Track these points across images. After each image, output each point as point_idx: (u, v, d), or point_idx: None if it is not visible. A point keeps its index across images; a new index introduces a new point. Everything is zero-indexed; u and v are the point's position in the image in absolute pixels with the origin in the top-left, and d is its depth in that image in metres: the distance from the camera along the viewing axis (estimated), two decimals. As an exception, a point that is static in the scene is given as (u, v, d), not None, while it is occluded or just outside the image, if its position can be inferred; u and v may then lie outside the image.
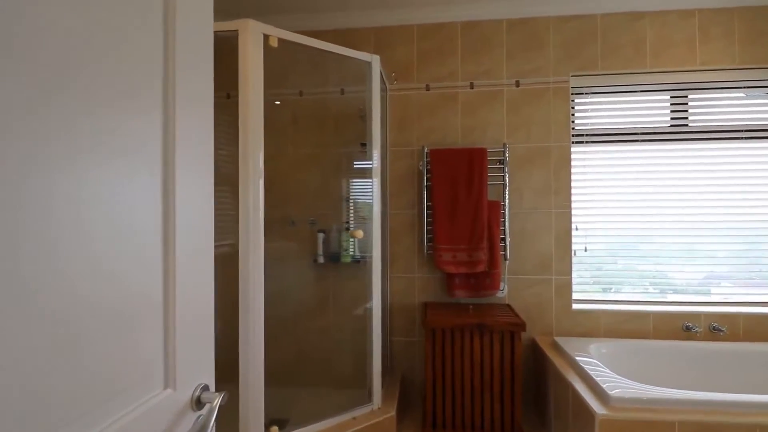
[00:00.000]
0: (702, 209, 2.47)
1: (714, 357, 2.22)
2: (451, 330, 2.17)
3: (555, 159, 2.49)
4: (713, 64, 2.41)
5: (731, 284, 2.45)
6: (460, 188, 2.43)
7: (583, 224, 2.52)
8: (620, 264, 2.53)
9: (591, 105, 2.55)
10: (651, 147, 2.51)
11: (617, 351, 2.25)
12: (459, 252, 2.41)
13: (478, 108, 2.55)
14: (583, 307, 2.46)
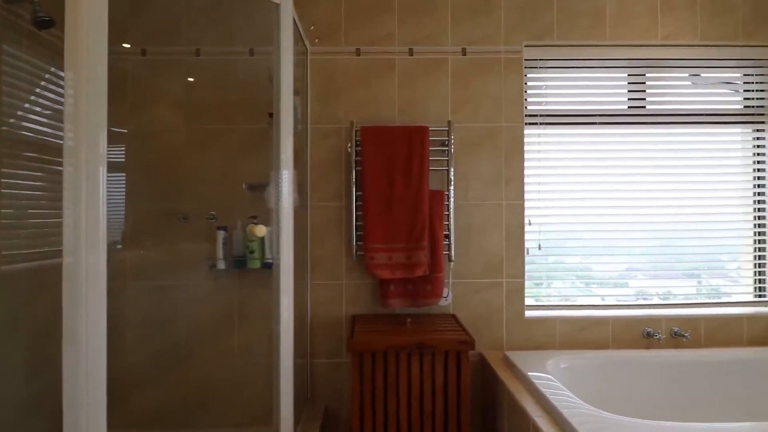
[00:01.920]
0: (658, 200, 2.23)
1: (681, 367, 1.97)
2: (383, 353, 1.73)
3: (506, 142, 2.13)
4: (675, 39, 2.16)
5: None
6: (398, 175, 1.99)
7: (537, 218, 2.18)
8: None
9: (545, 82, 2.21)
10: (609, 131, 2.22)
11: (577, 365, 1.94)
12: (395, 253, 1.97)
13: (418, 78, 2.12)
14: (536, 315, 2.12)
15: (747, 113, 2.24)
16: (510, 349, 2.07)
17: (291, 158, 1.58)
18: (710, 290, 2.27)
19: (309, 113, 2.09)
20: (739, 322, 2.14)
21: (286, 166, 1.55)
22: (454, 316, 2.04)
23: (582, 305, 2.18)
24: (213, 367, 2.02)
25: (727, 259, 2.28)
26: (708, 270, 2.28)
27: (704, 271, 2.27)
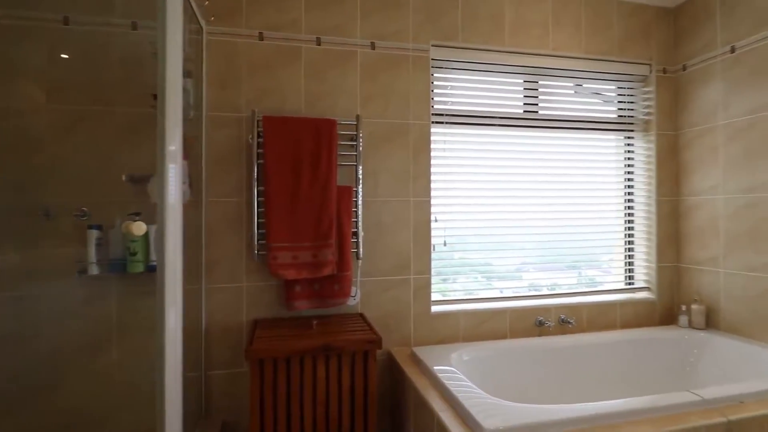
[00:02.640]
0: (547, 199, 2.42)
1: (568, 351, 2.15)
2: (286, 359, 1.62)
3: (414, 140, 2.14)
4: (564, 50, 2.35)
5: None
6: (304, 170, 1.89)
7: (442, 215, 2.23)
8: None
9: (450, 82, 2.27)
10: (508, 133, 2.35)
11: (479, 356, 2.02)
12: (301, 251, 1.87)
13: (327, 70, 2.03)
14: (441, 310, 2.17)
15: (620, 122, 2.52)
16: (417, 345, 2.10)
17: (180, 146, 1.40)
18: (588, 281, 2.52)
19: (204, 99, 1.90)
20: (614, 307, 2.41)
21: (172, 156, 1.37)
22: (362, 316, 2.00)
23: (483, 298, 2.28)
24: (86, 390, 1.74)
25: (602, 253, 2.55)
26: (587, 262, 2.53)
27: (584, 263, 2.52)
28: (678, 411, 1.43)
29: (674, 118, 2.53)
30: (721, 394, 1.50)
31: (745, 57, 2.13)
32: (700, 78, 2.38)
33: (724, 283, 2.25)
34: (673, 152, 2.53)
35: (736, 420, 1.39)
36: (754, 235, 2.10)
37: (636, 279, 2.56)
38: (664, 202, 2.52)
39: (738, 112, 2.17)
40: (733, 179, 2.20)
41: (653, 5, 2.49)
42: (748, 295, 2.13)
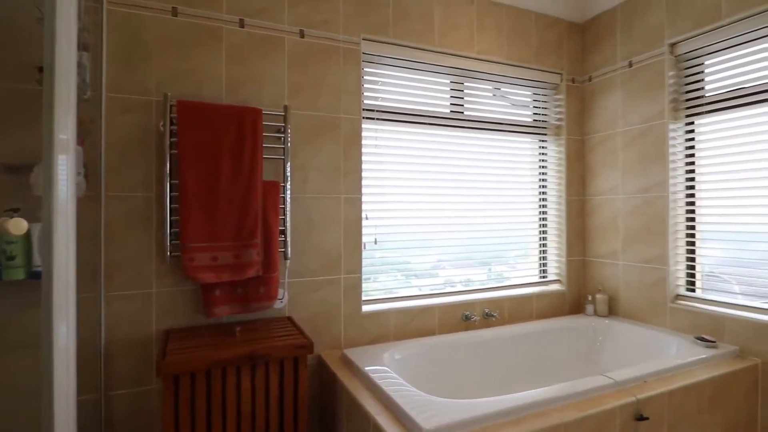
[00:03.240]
0: (468, 198, 2.50)
1: (491, 343, 2.24)
2: (206, 371, 1.46)
3: (345, 134, 2.07)
4: (487, 55, 2.44)
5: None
6: (225, 162, 1.72)
7: (372, 213, 2.19)
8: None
9: (381, 78, 2.23)
10: (435, 132, 2.38)
11: (411, 354, 2.01)
12: (222, 252, 1.70)
13: (251, 55, 1.88)
14: (372, 309, 2.13)
15: (535, 126, 2.69)
16: (348, 346, 2.03)
17: (73, 131, 1.18)
18: (498, 276, 2.65)
19: (104, 77, 1.64)
20: (531, 300, 2.56)
21: (63, 143, 1.15)
22: (290, 319, 1.88)
23: (413, 296, 2.28)
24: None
25: (519, 249, 2.70)
26: (505, 258, 2.66)
27: (502, 258, 2.64)
28: (596, 394, 1.54)
29: (581, 124, 2.77)
30: (629, 375, 1.64)
31: (641, 71, 2.39)
32: (603, 89, 2.63)
33: (622, 274, 2.51)
34: (580, 155, 2.77)
35: (644, 398, 1.53)
36: (648, 230, 2.36)
37: (549, 272, 2.76)
38: (572, 201, 2.74)
39: (634, 120, 2.43)
40: (630, 181, 2.46)
41: (565, 19, 2.70)
42: (642, 284, 2.39)
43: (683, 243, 2.28)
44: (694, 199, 2.24)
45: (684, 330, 2.17)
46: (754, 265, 2.00)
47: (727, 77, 2.09)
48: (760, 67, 1.96)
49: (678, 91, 2.28)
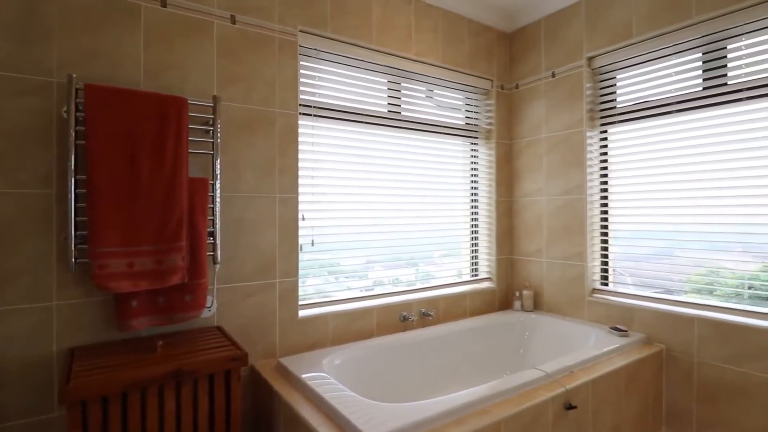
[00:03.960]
0: (403, 198, 2.51)
1: (429, 342, 2.26)
2: (121, 394, 1.28)
3: (281, 130, 1.96)
4: (424, 57, 2.47)
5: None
6: (144, 156, 1.53)
7: (309, 212, 2.10)
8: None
9: (319, 73, 2.15)
10: (372, 131, 2.34)
11: (350, 358, 1.95)
12: (140, 257, 1.52)
13: (175, 38, 1.70)
14: (309, 313, 2.04)
15: (467, 129, 2.78)
16: (285, 354, 1.93)
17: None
18: (439, 270, 2.71)
19: (-12, 52, 1.38)
20: (464, 298, 2.63)
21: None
22: (220, 329, 1.73)
23: (351, 298, 2.23)
24: None
25: (452, 248, 2.77)
26: (437, 257, 2.71)
27: (435, 257, 2.70)
28: (530, 387, 1.60)
29: (510, 129, 2.91)
30: (557, 367, 1.74)
31: (562, 82, 2.56)
32: (529, 96, 2.78)
33: (546, 270, 2.67)
34: (508, 159, 2.91)
35: (572, 388, 1.63)
36: (568, 230, 2.54)
37: (480, 271, 2.86)
38: (501, 202, 2.86)
39: (557, 127, 2.60)
40: (553, 184, 2.63)
41: (495, 28, 2.81)
42: (563, 279, 2.57)
43: (598, 241, 2.48)
44: (607, 201, 2.45)
45: (600, 321, 2.36)
46: (650, 259, 2.24)
47: (635, 90, 2.31)
48: (663, 82, 2.19)
49: (594, 101, 2.49)
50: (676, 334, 2.05)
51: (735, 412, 1.87)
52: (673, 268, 2.18)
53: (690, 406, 2.01)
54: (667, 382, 2.09)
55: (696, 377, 1.99)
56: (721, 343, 1.91)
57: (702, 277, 2.09)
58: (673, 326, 2.07)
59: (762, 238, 1.89)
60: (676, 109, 2.13)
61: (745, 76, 1.91)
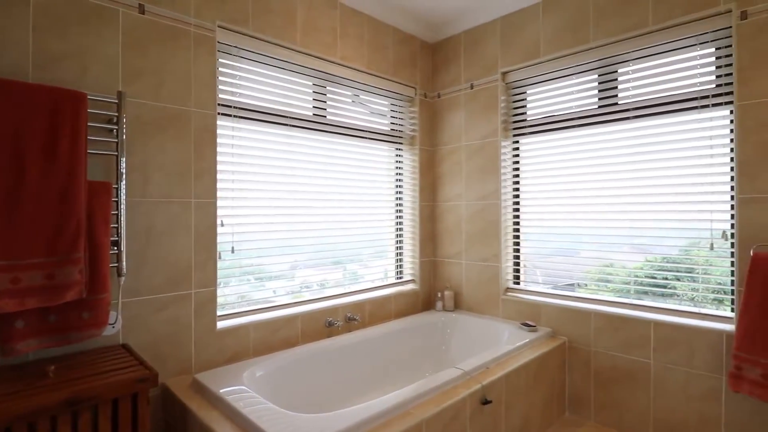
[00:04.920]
0: (329, 202, 2.50)
1: (354, 347, 2.26)
2: (5, 429, 1.12)
3: (197, 130, 1.84)
4: (350, 61, 2.47)
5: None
6: (31, 155, 1.35)
7: (229, 218, 2.00)
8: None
9: (240, 72, 2.06)
10: (297, 134, 2.30)
11: (273, 369, 1.89)
12: (27, 272, 1.33)
13: (71, 25, 1.52)
14: (229, 324, 1.95)
15: (392, 134, 2.83)
16: (202, 370, 1.81)
17: None
18: (360, 276, 2.73)
19: None
20: (389, 300, 2.68)
21: None
22: (125, 347, 1.58)
23: (273, 306, 2.16)
24: None
25: (377, 251, 2.82)
26: (363, 260, 2.74)
27: (360, 260, 2.72)
28: (450, 386, 1.68)
29: (432, 136, 3.02)
30: (475, 364, 1.84)
31: (480, 94, 2.72)
32: (450, 106, 2.91)
33: (465, 271, 2.82)
34: (431, 165, 3.01)
35: (487, 383, 1.73)
36: (485, 233, 2.70)
37: (405, 273, 2.93)
38: (425, 206, 2.96)
39: (475, 136, 2.75)
40: (471, 189, 2.78)
41: (419, 38, 2.90)
42: (480, 280, 2.72)
43: (511, 243, 2.67)
44: (519, 205, 2.65)
45: (512, 317, 2.54)
46: (556, 258, 2.47)
47: (543, 105, 2.52)
48: (566, 99, 2.41)
49: (508, 113, 2.67)
50: (577, 327, 2.28)
51: (624, 394, 2.12)
52: (575, 266, 2.41)
53: (588, 391, 2.24)
54: (569, 371, 2.31)
55: (593, 365, 2.22)
56: (613, 334, 2.15)
57: (602, 268, 2.34)
58: (574, 320, 2.29)
59: (645, 239, 2.16)
60: (577, 124, 2.36)
61: (632, 97, 2.18)
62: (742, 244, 1.79)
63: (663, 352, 2.00)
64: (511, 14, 2.56)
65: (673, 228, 2.07)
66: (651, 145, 2.11)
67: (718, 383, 1.85)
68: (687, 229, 2.03)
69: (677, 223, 2.05)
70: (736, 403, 1.80)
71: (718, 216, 1.92)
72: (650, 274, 2.16)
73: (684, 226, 2.03)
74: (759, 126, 1.76)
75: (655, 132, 2.11)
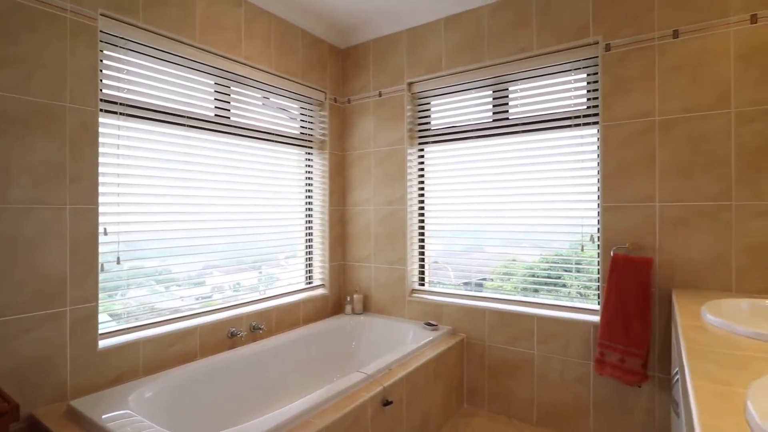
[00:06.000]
0: (235, 206, 2.42)
1: (259, 357, 2.20)
2: None
3: (73, 129, 1.65)
4: (256, 62, 2.40)
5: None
6: None
7: (115, 226, 1.83)
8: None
9: (128, 66, 1.89)
10: (197, 135, 2.17)
11: (165, 388, 1.77)
12: None
13: None
14: (114, 342, 1.78)
15: (302, 138, 2.80)
16: (80, 395, 1.63)
17: None
18: (272, 279, 2.68)
19: None
20: (297, 306, 2.65)
21: None
22: (-20, 376, 1.37)
23: (169, 320, 2.02)
24: None
25: (283, 254, 2.77)
26: (273, 260, 2.68)
27: (269, 262, 2.65)
28: (352, 390, 1.71)
29: (342, 141, 3.04)
30: (377, 367, 1.90)
31: (388, 102, 2.80)
32: (359, 111, 2.95)
33: (374, 274, 2.88)
34: (341, 169, 3.04)
35: (389, 385, 1.79)
36: (392, 237, 2.79)
37: (314, 278, 2.92)
38: (334, 210, 2.98)
39: (383, 143, 2.83)
40: (380, 194, 2.85)
41: (328, 42, 2.90)
42: (388, 282, 2.81)
43: (416, 246, 2.80)
44: (424, 210, 2.78)
45: (417, 318, 2.66)
46: (460, 259, 2.64)
47: (445, 116, 2.67)
48: (466, 111, 2.58)
49: (413, 122, 2.79)
50: (474, 324, 2.45)
51: (512, 383, 2.33)
52: (483, 264, 2.59)
53: (483, 383, 2.43)
54: (467, 366, 2.48)
55: (487, 359, 2.41)
56: (503, 329, 2.35)
57: (506, 264, 2.54)
58: (471, 318, 2.46)
59: (536, 239, 2.40)
60: (475, 135, 2.54)
61: (520, 113, 2.40)
62: (605, 246, 2.07)
63: (544, 344, 2.23)
64: (417, 27, 2.68)
65: (555, 232, 2.32)
66: (537, 157, 2.35)
67: (587, 369, 2.12)
68: (566, 233, 2.29)
69: (559, 228, 2.30)
70: (601, 385, 2.08)
71: (588, 221, 2.20)
72: (536, 273, 2.40)
73: (563, 230, 2.29)
74: (618, 144, 2.05)
75: (539, 145, 2.35)
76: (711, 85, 1.84)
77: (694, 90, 1.88)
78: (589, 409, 2.11)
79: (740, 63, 1.79)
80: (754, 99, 1.76)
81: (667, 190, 1.93)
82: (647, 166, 1.98)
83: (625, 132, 2.03)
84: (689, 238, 1.89)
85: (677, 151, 1.91)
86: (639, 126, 2.00)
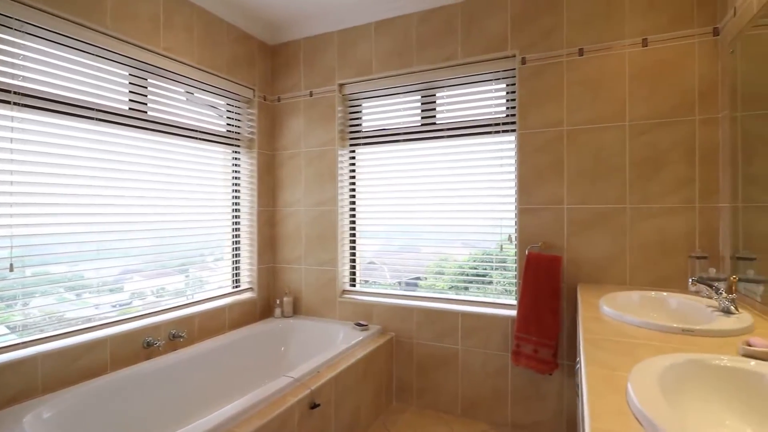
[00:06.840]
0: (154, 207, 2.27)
1: (179, 367, 2.08)
2: None
3: (-47, 120, 1.45)
4: (176, 54, 2.26)
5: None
6: None
7: (6, 228, 1.64)
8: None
9: (24, 51, 1.70)
10: (107, 130, 2.01)
11: (68, 406, 1.61)
12: None
13: None
14: (5, 359, 1.59)
15: (229, 136, 2.69)
16: (-41, 421, 1.44)
17: None
18: (199, 282, 2.55)
19: None
20: (223, 311, 2.54)
21: None
22: None
23: (75, 331, 1.84)
24: None
25: (210, 256, 2.65)
26: (197, 264, 2.55)
27: (194, 265, 2.52)
28: (279, 395, 1.68)
29: (272, 140, 2.97)
30: (305, 370, 1.88)
31: (319, 102, 2.78)
32: (290, 111, 2.90)
33: (304, 276, 2.85)
34: (270, 169, 2.96)
35: (316, 388, 1.78)
36: (323, 238, 2.77)
37: (242, 281, 2.82)
38: (263, 211, 2.90)
39: (314, 143, 2.81)
40: (310, 195, 2.82)
41: (257, 38, 2.82)
42: (319, 284, 2.79)
43: (347, 247, 2.81)
44: (355, 212, 2.80)
45: (348, 318, 2.67)
46: (391, 260, 2.69)
47: (376, 118, 2.71)
48: (396, 114, 2.64)
49: (345, 123, 2.79)
50: (402, 323, 2.52)
51: (439, 378, 2.42)
52: (416, 262, 2.66)
53: (411, 379, 2.50)
54: (396, 364, 2.54)
55: (415, 356, 2.49)
56: (430, 326, 2.44)
57: (438, 262, 2.62)
58: (400, 316, 2.52)
59: (463, 239, 2.51)
60: (404, 138, 2.61)
61: (447, 118, 2.50)
62: (521, 245, 2.23)
63: (467, 339, 2.35)
64: (348, 29, 2.69)
65: (481, 232, 2.45)
66: (462, 161, 2.46)
67: (505, 360, 2.26)
68: (489, 233, 2.43)
69: (483, 228, 2.43)
70: (518, 375, 2.23)
71: (507, 222, 2.34)
72: (466, 271, 2.52)
73: (486, 230, 2.43)
74: (532, 151, 2.21)
75: (464, 150, 2.46)
76: (610, 100, 2.06)
77: (596, 103, 2.08)
78: (507, 398, 2.25)
79: (634, 81, 2.02)
80: (644, 114, 2.00)
81: (574, 194, 2.13)
82: (557, 172, 2.16)
83: (538, 140, 2.20)
84: (592, 238, 2.09)
85: (582, 158, 2.11)
86: (550, 135, 2.17)
